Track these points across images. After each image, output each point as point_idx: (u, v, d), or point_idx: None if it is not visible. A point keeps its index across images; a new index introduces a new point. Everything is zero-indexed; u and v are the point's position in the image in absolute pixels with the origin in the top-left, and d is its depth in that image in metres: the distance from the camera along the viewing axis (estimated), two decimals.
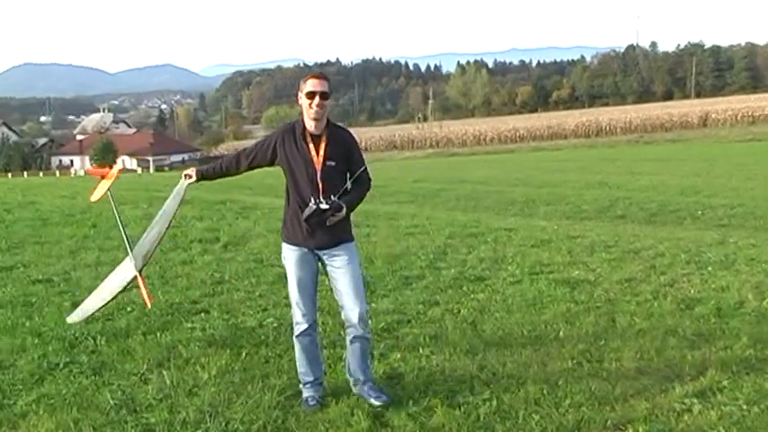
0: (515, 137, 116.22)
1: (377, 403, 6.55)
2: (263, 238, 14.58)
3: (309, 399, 6.71)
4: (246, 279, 11.41)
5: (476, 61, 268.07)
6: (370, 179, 6.99)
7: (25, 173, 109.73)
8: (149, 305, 8.36)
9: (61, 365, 7.70)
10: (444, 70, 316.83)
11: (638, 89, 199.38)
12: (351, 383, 6.85)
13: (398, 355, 7.75)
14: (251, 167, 7.02)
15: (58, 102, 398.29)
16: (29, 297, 10.40)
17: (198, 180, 7.24)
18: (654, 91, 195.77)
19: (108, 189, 8.43)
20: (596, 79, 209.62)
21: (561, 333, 8.43)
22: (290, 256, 6.77)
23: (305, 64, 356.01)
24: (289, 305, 6.96)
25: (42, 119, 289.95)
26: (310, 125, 6.64)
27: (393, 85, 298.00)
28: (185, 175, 7.27)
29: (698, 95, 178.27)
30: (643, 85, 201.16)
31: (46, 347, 8.21)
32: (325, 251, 6.72)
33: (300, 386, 6.87)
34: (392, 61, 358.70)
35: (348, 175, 6.73)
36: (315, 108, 6.54)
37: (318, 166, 6.57)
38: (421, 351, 7.89)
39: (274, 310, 9.61)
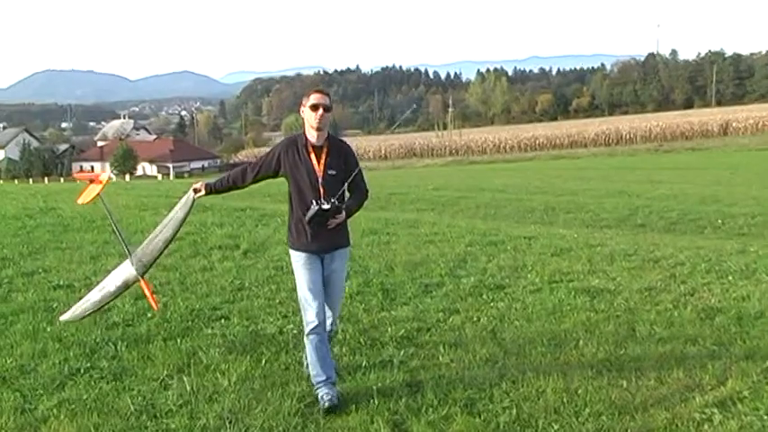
0: (535, 145, 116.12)
1: (326, 406, 6.78)
2: (282, 246, 14.55)
3: (327, 398, 6.81)
4: (267, 286, 11.39)
5: (495, 69, 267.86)
6: (367, 189, 7.53)
7: (46, 179, 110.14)
8: (156, 308, 8.38)
9: (82, 371, 7.72)
10: (464, 78, 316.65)
11: (658, 97, 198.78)
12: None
13: (418, 363, 7.75)
14: (256, 180, 7.49)
15: (79, 108, 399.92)
16: (50, 302, 10.41)
17: (207, 194, 7.55)
18: (674, 99, 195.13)
19: (98, 194, 8.42)
20: (616, 87, 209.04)
21: (581, 342, 8.42)
22: (298, 260, 7.22)
23: (325, 71, 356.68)
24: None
25: (63, 125, 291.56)
26: (312, 136, 7.15)
27: (413, 92, 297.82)
28: (194, 189, 7.54)
29: (718, 104, 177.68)
30: (663, 93, 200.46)
31: (67, 352, 8.25)
32: (325, 254, 7.25)
33: (315, 390, 6.99)
34: (412, 69, 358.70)
35: (346, 184, 7.14)
36: (318, 120, 7.04)
37: (320, 174, 7.08)
38: (441, 359, 7.90)
39: (294, 317, 9.59)
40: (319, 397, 6.89)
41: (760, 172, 40.93)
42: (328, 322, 7.26)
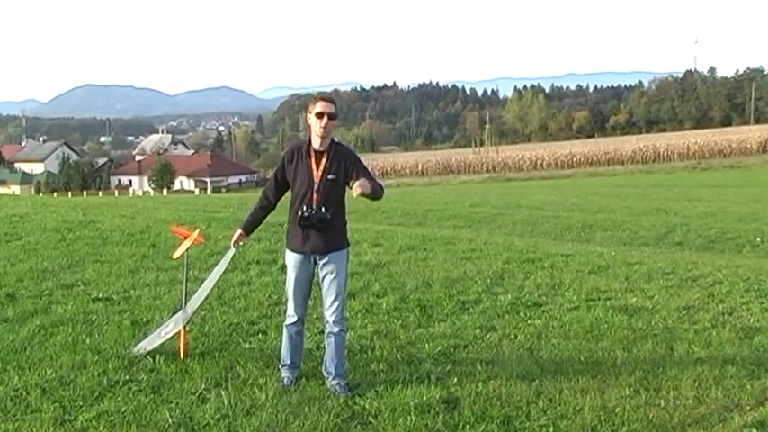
0: (572, 162, 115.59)
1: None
2: None
3: (286, 379, 7.76)
4: None
5: (533, 86, 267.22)
6: (382, 187, 7.77)
7: (84, 192, 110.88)
8: (182, 357, 8.45)
9: (121, 383, 7.75)
10: (501, 95, 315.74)
11: (696, 115, 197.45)
12: (325, 377, 7.75)
13: (455, 380, 7.74)
14: (280, 195, 7.93)
15: (118, 122, 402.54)
16: (89, 315, 10.46)
17: (248, 236, 8.13)
18: (712, 116, 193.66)
19: (187, 249, 8.74)
20: (654, 105, 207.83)
21: (618, 360, 8.41)
22: (291, 259, 7.74)
23: (362, 87, 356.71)
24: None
25: (102, 139, 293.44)
26: (316, 142, 7.58)
27: (450, 109, 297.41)
28: (235, 243, 8.05)
29: (757, 121, 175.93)
30: (701, 110, 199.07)
31: (106, 365, 8.28)
32: (319, 255, 7.63)
33: (280, 366, 7.92)
34: (449, 85, 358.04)
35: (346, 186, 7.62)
36: (322, 127, 7.48)
37: (317, 179, 7.50)
38: (478, 376, 7.90)
39: None
40: (282, 376, 7.81)
41: None
42: (331, 319, 7.69)
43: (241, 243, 8.04)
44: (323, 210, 7.45)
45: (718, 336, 9.35)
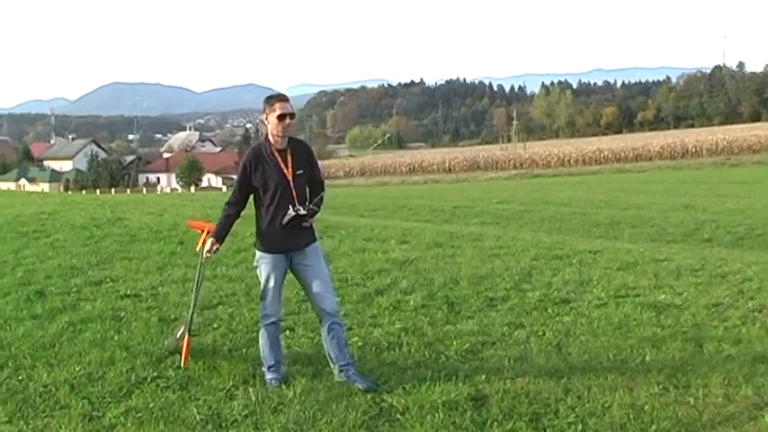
0: (599, 158, 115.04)
1: (364, 387, 7.44)
2: (347, 258, 14.60)
3: (272, 380, 7.69)
4: None
5: (560, 82, 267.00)
6: (323, 182, 8.13)
7: (113, 189, 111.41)
8: (183, 364, 8.47)
9: (149, 379, 7.79)
10: (528, 91, 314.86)
11: (724, 110, 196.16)
12: (335, 371, 7.76)
13: (483, 377, 7.70)
14: (246, 201, 7.94)
15: (146, 120, 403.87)
16: (117, 311, 10.49)
17: (221, 243, 8.12)
18: (741, 112, 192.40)
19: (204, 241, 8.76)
20: (682, 100, 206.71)
21: (647, 357, 8.36)
22: (266, 261, 7.78)
23: (389, 84, 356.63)
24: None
25: (130, 137, 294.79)
26: (278, 142, 7.70)
27: (477, 105, 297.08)
28: (209, 252, 8.06)
29: None
30: (730, 105, 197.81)
31: (134, 361, 8.31)
32: (297, 252, 7.75)
33: (263, 369, 7.84)
34: (476, 82, 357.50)
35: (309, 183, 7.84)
36: (284, 128, 7.66)
37: (290, 176, 7.60)
38: (505, 373, 7.86)
39: (359, 329, 9.63)
40: (266, 379, 7.73)
41: None
42: (327, 310, 7.76)
43: (214, 249, 8.01)
44: (307, 204, 7.67)
45: (747, 333, 9.27)
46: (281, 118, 7.61)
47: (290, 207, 7.52)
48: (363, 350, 8.76)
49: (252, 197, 7.85)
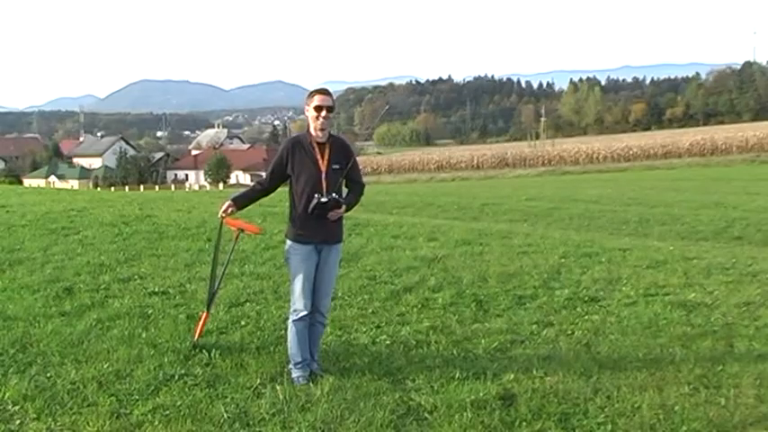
0: (628, 155, 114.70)
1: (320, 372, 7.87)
2: (376, 255, 14.57)
3: (300, 378, 7.75)
4: (359, 296, 11.36)
5: (588, 78, 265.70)
6: (363, 184, 8.23)
7: (141, 186, 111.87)
8: (196, 337, 8.49)
9: (176, 377, 7.79)
10: (557, 88, 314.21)
11: (754, 106, 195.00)
12: (309, 364, 7.97)
13: (512, 376, 7.68)
14: (274, 183, 8.10)
15: (174, 117, 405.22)
16: (145, 308, 10.50)
17: (238, 208, 8.23)
18: None
19: (239, 232, 8.79)
20: (711, 96, 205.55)
21: (677, 357, 8.31)
22: (296, 252, 7.90)
23: (417, 81, 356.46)
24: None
25: (159, 134, 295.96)
26: (317, 135, 7.83)
27: (505, 102, 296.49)
28: (224, 212, 8.16)
29: None
30: (760, 102, 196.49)
31: (162, 359, 8.31)
32: (325, 246, 7.91)
33: (290, 366, 7.91)
34: (504, 79, 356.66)
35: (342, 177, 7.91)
36: (321, 120, 7.76)
37: (324, 169, 7.77)
38: (534, 372, 7.83)
39: (387, 327, 9.61)
40: (294, 377, 7.78)
41: None
42: (321, 309, 8.05)
43: (230, 211, 8.09)
44: (334, 195, 7.72)
45: None
46: (317, 109, 7.74)
47: (316, 195, 7.65)
48: (391, 348, 8.74)
49: (285, 187, 8.09)
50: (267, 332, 9.45)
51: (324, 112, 7.74)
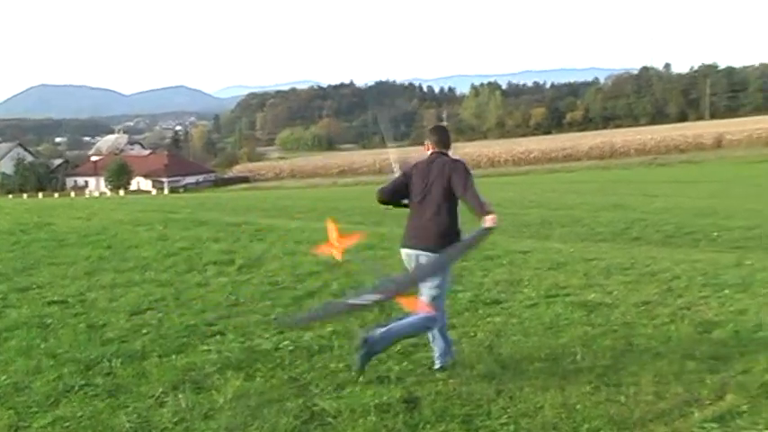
0: (529, 159, 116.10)
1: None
2: (278, 261, 14.52)
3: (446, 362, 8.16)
4: (262, 302, 11.29)
5: (489, 83, 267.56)
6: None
7: (40, 193, 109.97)
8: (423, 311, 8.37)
9: (77, 388, 7.64)
10: (458, 92, 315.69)
11: (651, 111, 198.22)
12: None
13: (415, 379, 7.71)
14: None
15: (74, 123, 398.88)
16: (44, 318, 10.32)
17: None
18: (668, 113, 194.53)
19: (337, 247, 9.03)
20: (610, 101, 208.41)
21: (578, 356, 8.39)
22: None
23: (319, 86, 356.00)
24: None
25: (58, 140, 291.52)
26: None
27: (407, 106, 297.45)
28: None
29: (712, 117, 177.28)
30: (657, 106, 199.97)
31: (61, 369, 8.16)
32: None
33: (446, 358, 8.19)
34: (406, 83, 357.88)
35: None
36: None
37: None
38: (437, 375, 7.86)
39: (290, 333, 9.54)
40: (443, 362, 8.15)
41: (755, 184, 40.96)
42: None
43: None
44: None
45: (677, 330, 9.36)
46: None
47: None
48: (294, 354, 8.69)
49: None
50: (169, 340, 9.33)
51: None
